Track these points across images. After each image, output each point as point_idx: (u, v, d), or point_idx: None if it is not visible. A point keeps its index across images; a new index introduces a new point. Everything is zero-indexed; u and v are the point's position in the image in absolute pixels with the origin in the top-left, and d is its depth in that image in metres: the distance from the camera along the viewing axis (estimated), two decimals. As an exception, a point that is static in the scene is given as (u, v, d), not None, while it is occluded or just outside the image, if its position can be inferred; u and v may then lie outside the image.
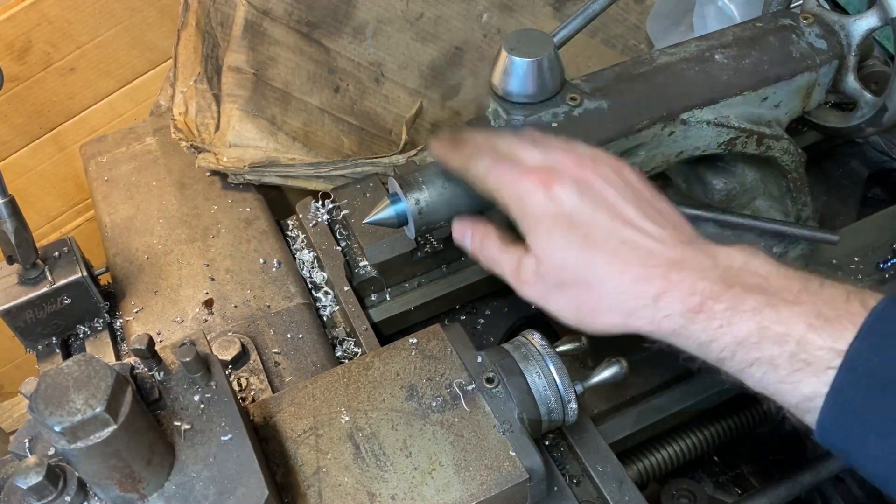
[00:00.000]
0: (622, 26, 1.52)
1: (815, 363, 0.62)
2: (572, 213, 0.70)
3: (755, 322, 0.64)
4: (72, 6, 1.60)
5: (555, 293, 0.72)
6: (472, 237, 0.80)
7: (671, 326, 0.67)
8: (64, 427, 0.61)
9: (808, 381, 0.62)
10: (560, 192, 0.71)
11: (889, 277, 1.16)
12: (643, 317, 0.68)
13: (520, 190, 0.72)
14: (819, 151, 1.39)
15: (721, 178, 1.11)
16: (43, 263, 1.05)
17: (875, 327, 0.61)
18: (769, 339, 0.64)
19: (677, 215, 0.75)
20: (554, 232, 0.70)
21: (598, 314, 0.71)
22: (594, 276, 0.69)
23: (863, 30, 1.00)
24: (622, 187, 0.73)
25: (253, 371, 1.01)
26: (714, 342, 0.66)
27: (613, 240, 0.69)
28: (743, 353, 0.65)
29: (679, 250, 0.69)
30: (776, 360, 0.63)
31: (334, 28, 1.33)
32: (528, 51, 0.88)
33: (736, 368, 0.66)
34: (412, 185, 0.88)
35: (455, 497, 0.76)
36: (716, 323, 0.65)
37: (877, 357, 0.60)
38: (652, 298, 0.67)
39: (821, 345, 0.62)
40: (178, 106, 1.34)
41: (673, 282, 0.67)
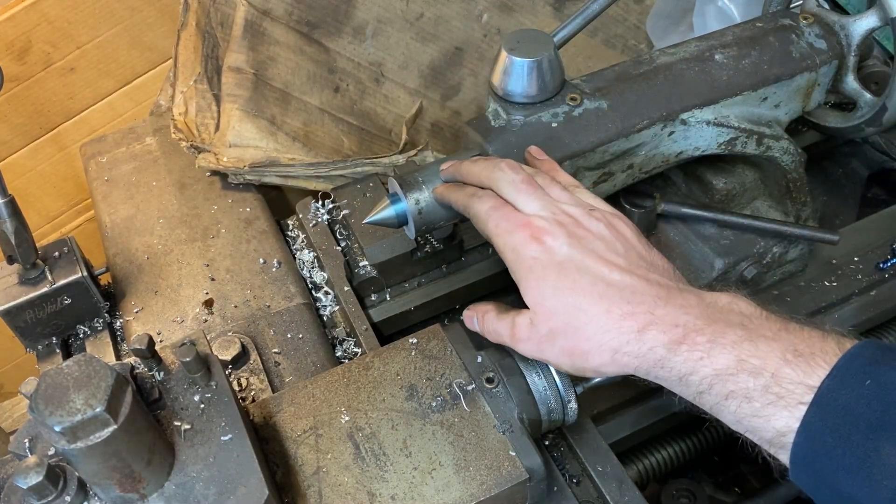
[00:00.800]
0: (622, 26, 1.52)
1: (787, 397, 0.63)
2: (563, 262, 0.73)
3: (734, 354, 0.66)
4: (72, 6, 1.60)
5: (548, 343, 0.74)
6: (476, 317, 0.83)
7: (654, 359, 0.69)
8: (64, 427, 0.61)
9: (780, 414, 0.63)
10: (552, 243, 0.74)
11: (889, 277, 1.16)
12: (629, 352, 0.70)
13: (514, 241, 0.76)
14: (819, 151, 1.39)
15: (721, 178, 1.11)
16: (43, 263, 1.05)
17: (848, 366, 0.62)
18: (745, 371, 0.65)
19: (668, 265, 0.77)
20: (544, 280, 0.73)
21: (589, 356, 0.72)
22: (582, 318, 0.71)
23: (863, 30, 1.00)
24: (612, 240, 0.76)
25: (253, 371, 1.02)
26: (694, 374, 0.67)
27: (601, 283, 0.72)
28: (720, 385, 0.66)
29: (664, 289, 0.72)
30: (750, 393, 0.64)
31: (334, 28, 1.33)
32: (528, 51, 0.88)
33: (712, 402, 0.67)
34: (412, 185, 0.88)
35: (455, 497, 0.76)
36: (696, 354, 0.67)
37: (847, 394, 0.61)
38: (636, 332, 0.69)
39: (793, 379, 0.63)
40: (178, 106, 1.34)
41: (657, 316, 0.69)
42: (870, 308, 1.14)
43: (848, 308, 1.14)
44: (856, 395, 0.60)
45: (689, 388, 0.68)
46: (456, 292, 1.17)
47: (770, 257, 1.11)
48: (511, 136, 0.91)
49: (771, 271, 1.14)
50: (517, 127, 0.91)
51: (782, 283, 1.17)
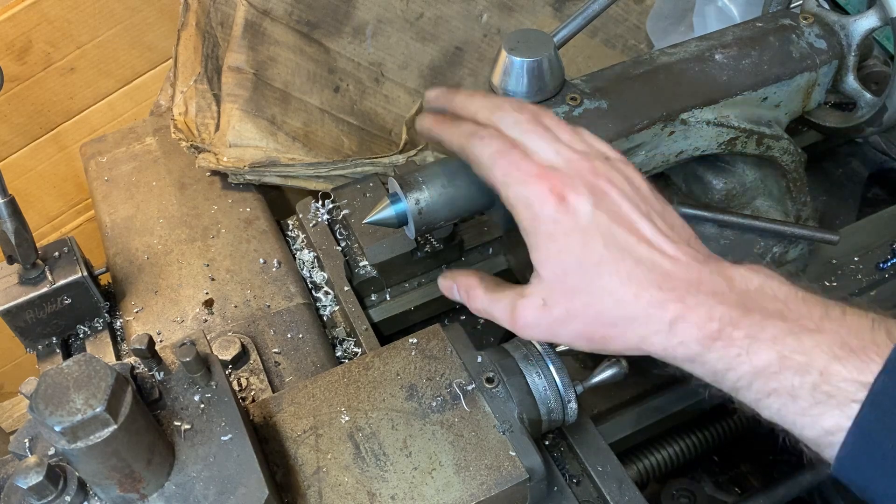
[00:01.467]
0: (622, 26, 1.52)
1: (838, 395, 0.58)
2: (587, 228, 0.65)
3: (775, 351, 0.61)
4: (72, 6, 1.60)
5: (562, 326, 0.67)
6: (458, 290, 0.75)
7: (686, 353, 0.64)
8: (64, 427, 0.61)
9: (831, 413, 0.59)
10: (576, 202, 0.65)
11: (889, 277, 1.16)
12: (656, 343, 0.64)
13: (530, 194, 0.66)
14: (819, 151, 1.39)
15: (721, 178, 1.11)
16: (43, 263, 1.05)
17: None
18: (790, 368, 0.60)
19: (687, 228, 0.70)
20: (567, 254, 0.65)
21: (610, 341, 0.66)
22: (606, 302, 0.65)
23: (863, 30, 1.00)
24: (635, 197, 0.68)
25: (253, 371, 1.02)
26: (731, 371, 0.62)
27: (628, 260, 0.65)
28: (760, 383, 0.61)
29: (695, 271, 0.65)
30: (796, 392, 0.60)
31: (334, 28, 1.33)
32: (528, 51, 0.88)
33: (752, 398, 0.63)
34: (412, 185, 0.88)
35: (455, 497, 0.76)
36: (734, 351, 0.62)
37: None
38: (667, 324, 0.63)
39: (845, 376, 0.58)
40: (178, 106, 1.34)
41: (689, 306, 0.63)
42: (870, 308, 1.14)
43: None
44: None
45: (724, 384, 0.64)
46: (456, 292, 1.17)
47: (770, 257, 1.11)
48: (511, 136, 0.91)
49: (771, 271, 1.14)
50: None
51: (782, 283, 1.17)
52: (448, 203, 0.89)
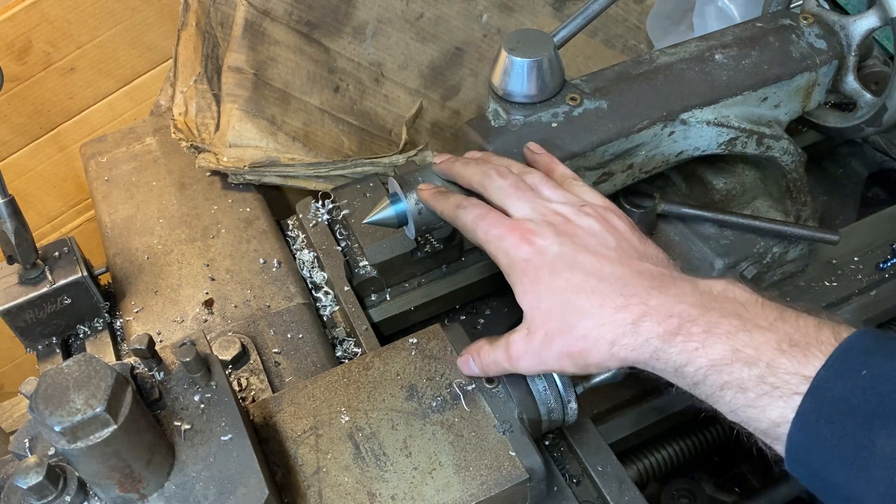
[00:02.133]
0: (622, 26, 1.52)
1: (782, 387, 0.62)
2: (553, 261, 0.73)
3: (728, 344, 0.65)
4: (72, 6, 1.60)
5: (546, 349, 0.73)
6: (471, 358, 0.82)
7: (650, 350, 0.68)
8: (64, 427, 0.61)
9: (776, 405, 0.62)
10: (541, 243, 0.74)
11: (889, 277, 1.16)
12: (626, 345, 0.69)
13: (505, 245, 0.75)
14: (819, 151, 1.39)
15: (721, 178, 1.11)
16: (43, 263, 1.05)
17: (843, 356, 0.61)
18: (740, 361, 0.64)
19: (662, 254, 0.76)
20: (538, 282, 0.73)
21: (588, 353, 0.71)
22: (577, 315, 0.71)
23: (863, 30, 1.00)
24: (604, 233, 0.75)
25: (253, 371, 1.02)
26: (689, 365, 0.66)
27: (593, 278, 0.71)
28: (715, 375, 0.65)
29: (658, 278, 0.71)
30: (745, 384, 0.63)
31: (334, 28, 1.33)
32: (528, 51, 0.89)
33: (708, 393, 0.67)
34: (412, 185, 0.88)
35: (455, 497, 0.76)
36: (692, 345, 0.66)
37: (842, 384, 0.60)
38: (631, 324, 0.69)
39: (788, 369, 0.62)
40: (178, 106, 1.34)
41: (651, 306, 0.68)
42: (870, 308, 1.14)
43: (848, 308, 1.14)
44: (851, 386, 0.60)
45: (684, 379, 0.68)
46: (456, 292, 1.17)
47: (770, 257, 1.11)
48: (511, 136, 0.91)
49: (771, 271, 1.14)
50: (517, 127, 0.91)
51: (782, 283, 1.17)
52: (448, 203, 0.89)
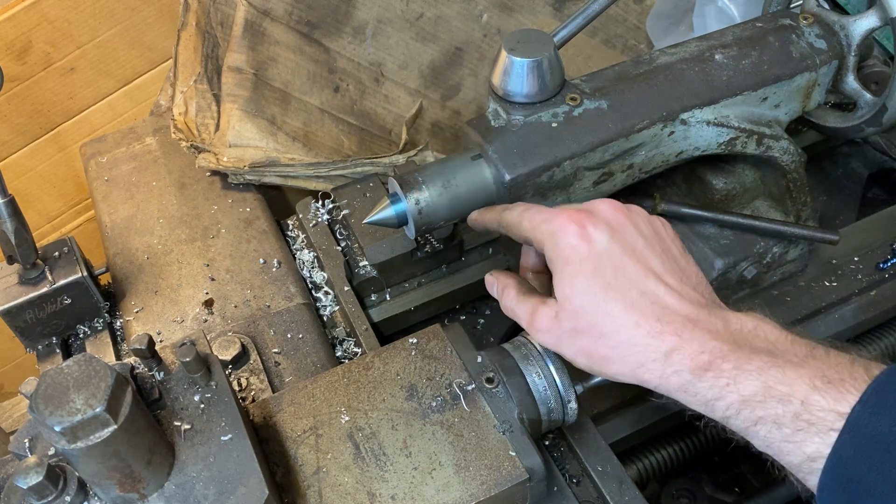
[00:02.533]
0: (622, 26, 1.52)
1: (817, 424, 0.63)
2: (601, 255, 0.72)
3: (760, 381, 0.66)
4: (72, 6, 1.60)
5: (568, 339, 0.74)
6: (497, 286, 0.83)
7: (679, 382, 0.69)
8: (64, 427, 0.61)
9: (811, 441, 0.63)
10: (593, 233, 0.72)
11: (889, 277, 1.16)
12: (652, 370, 0.70)
13: (554, 227, 0.74)
14: (819, 151, 1.39)
15: (721, 178, 1.11)
16: (43, 263, 1.05)
17: (878, 392, 0.62)
18: (773, 398, 0.65)
19: (700, 275, 0.77)
20: (578, 277, 0.72)
21: (609, 363, 0.72)
22: (610, 325, 0.71)
23: (863, 30, 1.00)
24: (652, 237, 0.75)
25: (253, 371, 1.01)
26: (720, 400, 0.67)
27: (634, 290, 0.71)
28: (748, 411, 0.66)
29: (694, 310, 0.71)
30: (780, 419, 0.64)
31: (334, 28, 1.33)
32: (528, 51, 0.88)
33: (741, 427, 0.67)
34: (412, 185, 0.88)
35: (455, 497, 0.76)
36: (722, 381, 0.67)
37: (878, 421, 0.61)
38: (663, 354, 0.69)
39: (823, 406, 0.63)
40: (178, 106, 1.34)
41: (685, 339, 0.69)
42: (870, 308, 1.14)
43: (848, 308, 1.14)
44: (888, 423, 0.60)
45: (715, 413, 0.68)
46: (456, 292, 1.17)
47: (770, 257, 1.11)
48: (511, 136, 0.91)
49: (771, 271, 1.14)
50: (517, 127, 0.91)
51: (782, 283, 1.17)
52: (448, 203, 0.89)
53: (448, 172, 0.90)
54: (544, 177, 0.91)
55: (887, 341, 1.19)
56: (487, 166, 0.91)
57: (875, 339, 1.19)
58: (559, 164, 0.90)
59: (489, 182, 0.91)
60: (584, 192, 0.96)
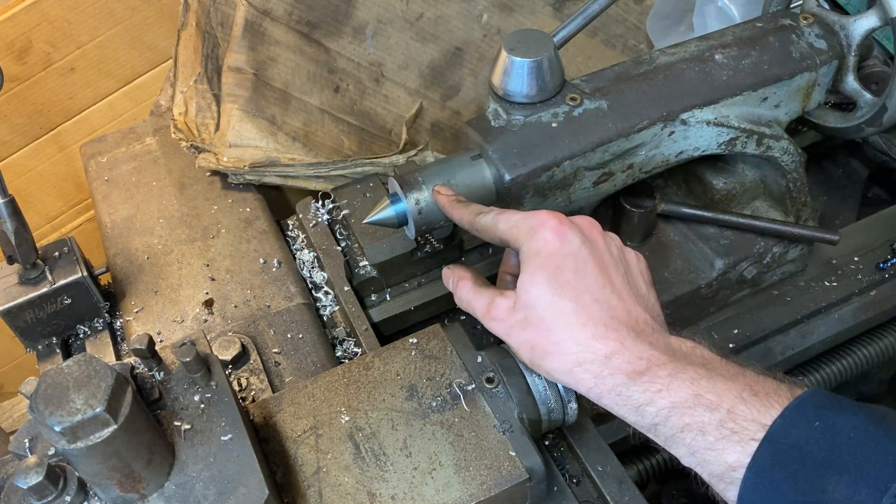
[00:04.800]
0: (622, 26, 1.52)
1: (740, 432, 0.65)
2: (568, 255, 0.74)
3: (692, 389, 0.68)
4: (72, 6, 1.60)
5: (517, 329, 0.76)
6: (452, 279, 0.85)
7: (613, 384, 0.71)
8: (64, 427, 0.61)
9: (733, 449, 0.65)
10: (568, 233, 0.75)
11: (889, 277, 1.16)
12: (589, 370, 0.72)
13: (534, 222, 0.76)
14: (819, 151, 1.39)
15: (721, 178, 1.11)
16: (43, 263, 1.05)
17: (799, 408, 0.65)
18: (702, 405, 0.67)
19: (657, 307, 0.80)
20: (542, 270, 0.74)
21: (549, 357, 0.74)
22: (558, 321, 0.73)
23: (863, 30, 1.00)
24: (619, 261, 0.78)
25: (253, 371, 1.01)
26: (651, 405, 0.70)
27: (589, 295, 0.74)
28: (676, 417, 0.68)
29: (641, 325, 0.75)
30: (705, 427, 0.67)
31: (334, 28, 1.33)
32: (528, 51, 0.88)
33: (667, 434, 0.70)
34: (412, 185, 0.88)
35: (455, 497, 0.76)
36: (656, 386, 0.70)
37: (796, 433, 0.64)
38: (604, 356, 0.72)
39: (747, 416, 0.66)
40: (178, 106, 1.34)
41: (626, 346, 0.72)
42: (870, 308, 1.14)
43: (848, 308, 1.14)
44: (805, 435, 0.63)
45: (644, 419, 0.71)
46: (456, 292, 1.17)
47: (770, 257, 1.11)
48: (511, 136, 0.91)
49: (771, 271, 1.14)
50: (517, 127, 0.91)
51: (782, 283, 1.17)
52: (448, 203, 0.89)
53: (448, 172, 0.90)
54: (544, 177, 0.91)
55: (887, 341, 1.19)
56: (487, 166, 0.91)
57: (875, 339, 1.19)
58: (559, 165, 0.91)
59: (489, 182, 0.91)
60: (584, 192, 0.96)
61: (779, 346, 1.12)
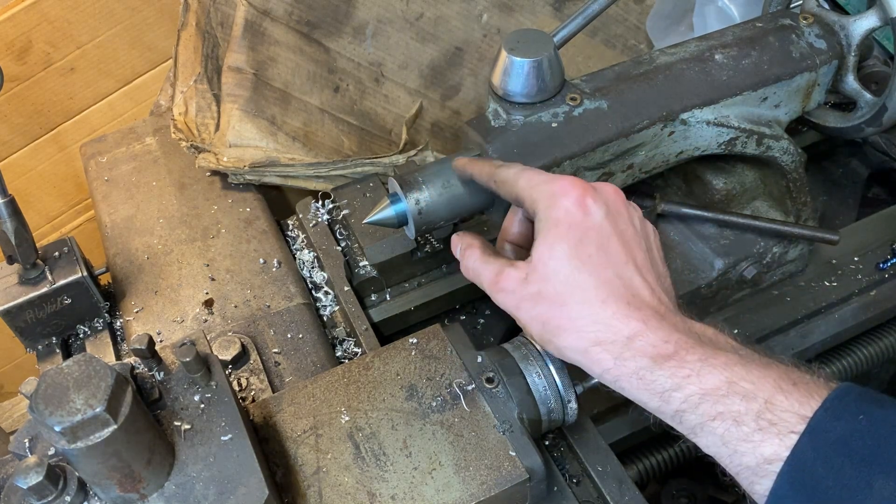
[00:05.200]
0: (622, 26, 1.52)
1: (779, 424, 0.62)
2: (591, 228, 0.71)
3: (725, 376, 0.65)
4: (72, 6, 1.60)
5: (528, 303, 0.72)
6: (460, 246, 0.81)
7: (635, 367, 0.67)
8: (64, 427, 0.61)
9: (771, 441, 0.62)
10: (591, 205, 0.71)
11: (889, 277, 1.16)
12: (610, 350, 0.68)
13: (555, 188, 0.72)
14: (819, 151, 1.39)
15: (721, 178, 1.11)
16: (43, 263, 1.05)
17: (839, 399, 0.62)
18: (737, 393, 0.64)
19: (671, 287, 0.77)
20: (563, 241, 0.70)
21: (564, 333, 0.70)
22: (576, 296, 0.70)
23: (862, 30, 1.00)
24: (641, 234, 0.75)
25: (253, 371, 1.02)
26: (678, 391, 0.66)
27: (611, 270, 0.70)
28: (708, 405, 0.65)
29: (663, 306, 0.71)
30: (741, 417, 0.63)
31: (334, 28, 1.33)
32: (528, 51, 0.88)
33: (696, 422, 0.66)
34: (412, 185, 0.88)
35: (455, 497, 0.76)
36: (685, 371, 0.66)
37: (840, 427, 0.61)
38: (626, 336, 0.68)
39: (787, 408, 0.63)
40: (178, 106, 1.34)
41: (650, 327, 0.68)
42: (870, 308, 1.14)
43: (848, 308, 1.14)
44: (849, 429, 0.60)
45: (669, 405, 0.67)
46: (456, 292, 1.17)
47: (770, 257, 1.11)
48: (511, 136, 0.91)
49: (771, 271, 1.14)
50: (517, 127, 0.91)
51: (782, 283, 1.17)
52: (448, 203, 0.89)
53: (448, 172, 0.90)
54: (544, 177, 0.91)
55: (887, 341, 1.19)
56: (487, 166, 0.90)
57: (875, 339, 1.19)
58: (559, 164, 0.91)
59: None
60: (584, 192, 0.96)
61: (779, 346, 1.12)
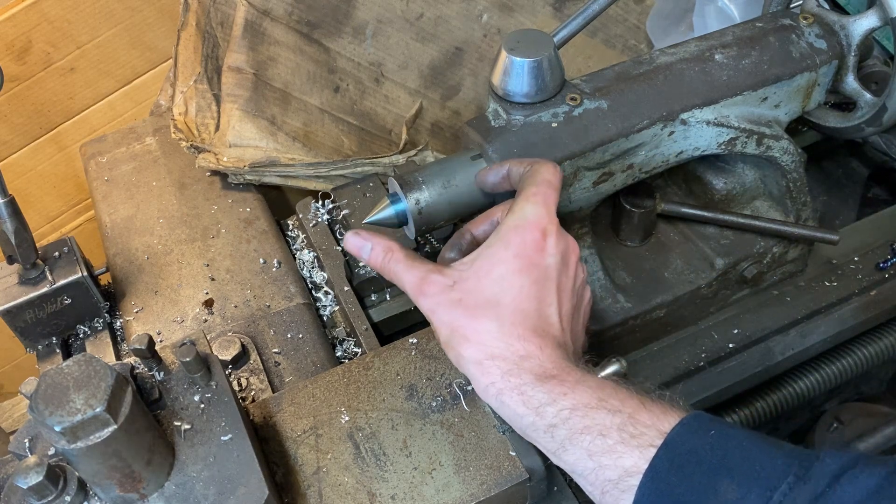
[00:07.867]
0: (622, 26, 1.52)
1: (639, 437, 0.67)
2: (535, 266, 0.76)
3: (596, 395, 0.70)
4: (72, 6, 1.60)
5: (445, 308, 0.76)
6: (374, 251, 0.81)
7: (518, 382, 0.72)
8: (64, 427, 0.61)
9: (631, 454, 0.67)
10: (549, 248, 0.77)
11: (889, 277, 1.16)
12: (500, 365, 0.73)
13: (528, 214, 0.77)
14: (819, 151, 1.39)
15: (721, 178, 1.11)
16: (43, 263, 1.05)
17: (696, 417, 0.68)
18: (605, 408, 0.69)
19: (581, 348, 0.83)
20: (505, 264, 0.75)
21: (467, 343, 0.74)
22: (490, 314, 0.74)
23: (863, 30, 1.00)
24: (577, 294, 0.81)
25: (253, 371, 1.01)
26: (552, 405, 0.71)
27: (534, 304, 0.75)
28: (577, 418, 0.69)
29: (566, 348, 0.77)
30: (606, 430, 0.68)
31: (334, 28, 1.33)
32: (528, 51, 0.88)
33: (564, 436, 0.70)
34: (412, 185, 0.88)
35: (455, 497, 0.76)
36: (562, 388, 0.71)
37: (693, 439, 0.66)
38: (519, 356, 0.73)
39: (647, 422, 0.68)
40: (178, 106, 1.34)
41: (544, 353, 0.74)
42: (870, 308, 1.14)
43: (848, 308, 1.14)
44: (701, 442, 0.66)
45: (542, 419, 0.71)
46: (456, 292, 1.17)
47: (770, 257, 1.11)
48: (511, 136, 0.91)
49: (771, 271, 1.14)
50: (517, 127, 0.91)
51: (782, 283, 1.17)
52: (448, 203, 0.89)
53: (448, 172, 0.90)
54: (544, 177, 0.90)
55: (887, 341, 1.19)
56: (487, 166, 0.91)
57: (875, 339, 1.19)
58: (559, 164, 0.90)
59: (489, 182, 0.90)
60: (584, 192, 0.96)
61: (779, 346, 1.12)
